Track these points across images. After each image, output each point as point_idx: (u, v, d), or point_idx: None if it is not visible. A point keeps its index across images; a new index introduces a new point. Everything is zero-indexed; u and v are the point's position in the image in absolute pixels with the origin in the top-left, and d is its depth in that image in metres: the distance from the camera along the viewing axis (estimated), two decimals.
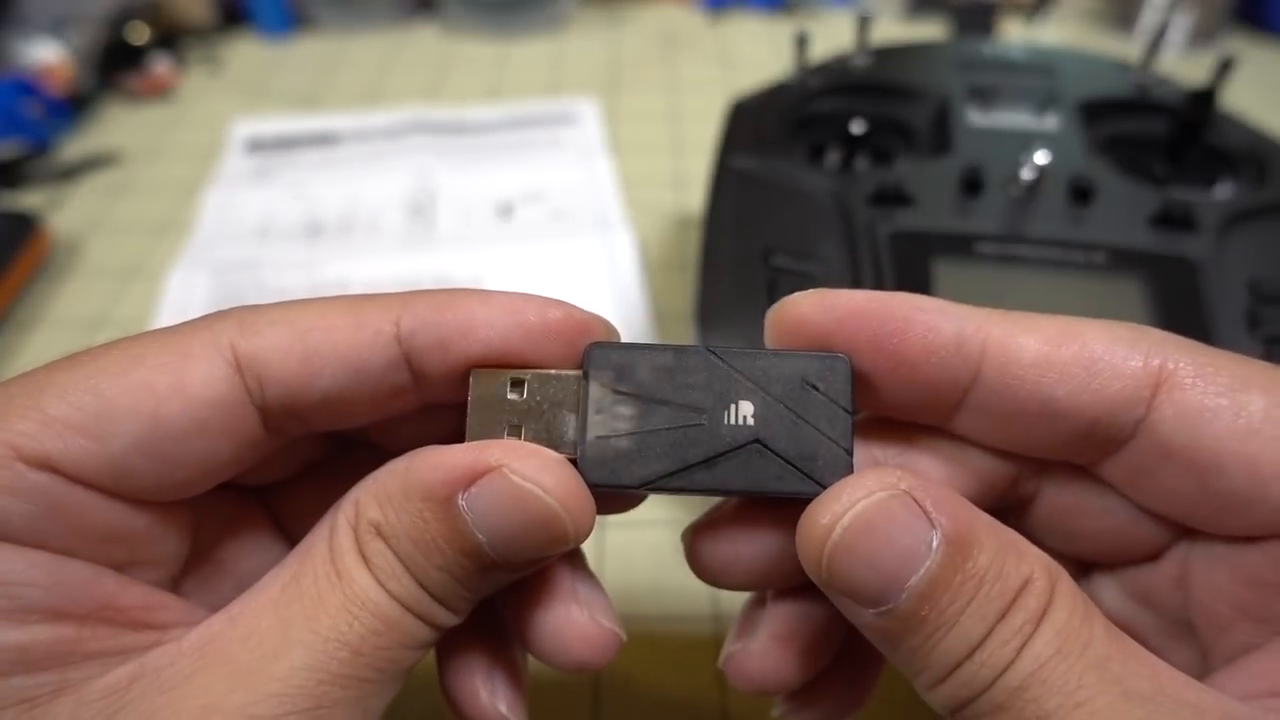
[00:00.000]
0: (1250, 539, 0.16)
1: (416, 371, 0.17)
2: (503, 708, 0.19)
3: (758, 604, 0.20)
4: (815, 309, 0.17)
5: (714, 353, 0.17)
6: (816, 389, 0.17)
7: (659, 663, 0.29)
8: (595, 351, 0.17)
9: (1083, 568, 0.20)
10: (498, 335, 0.17)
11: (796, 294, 0.17)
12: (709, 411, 0.17)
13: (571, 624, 0.18)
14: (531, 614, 0.18)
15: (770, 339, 0.18)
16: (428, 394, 0.18)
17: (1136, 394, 0.16)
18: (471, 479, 0.16)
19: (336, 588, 0.16)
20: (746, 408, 0.17)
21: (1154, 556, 0.18)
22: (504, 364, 0.17)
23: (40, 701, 0.15)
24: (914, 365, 0.16)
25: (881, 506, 0.15)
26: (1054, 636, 0.14)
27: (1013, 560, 0.15)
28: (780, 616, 0.19)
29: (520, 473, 0.16)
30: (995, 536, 0.15)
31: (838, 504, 0.15)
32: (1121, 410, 0.16)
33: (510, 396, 0.17)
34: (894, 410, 0.18)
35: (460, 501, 0.16)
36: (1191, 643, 0.18)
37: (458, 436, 0.18)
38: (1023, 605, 0.14)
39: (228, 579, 0.20)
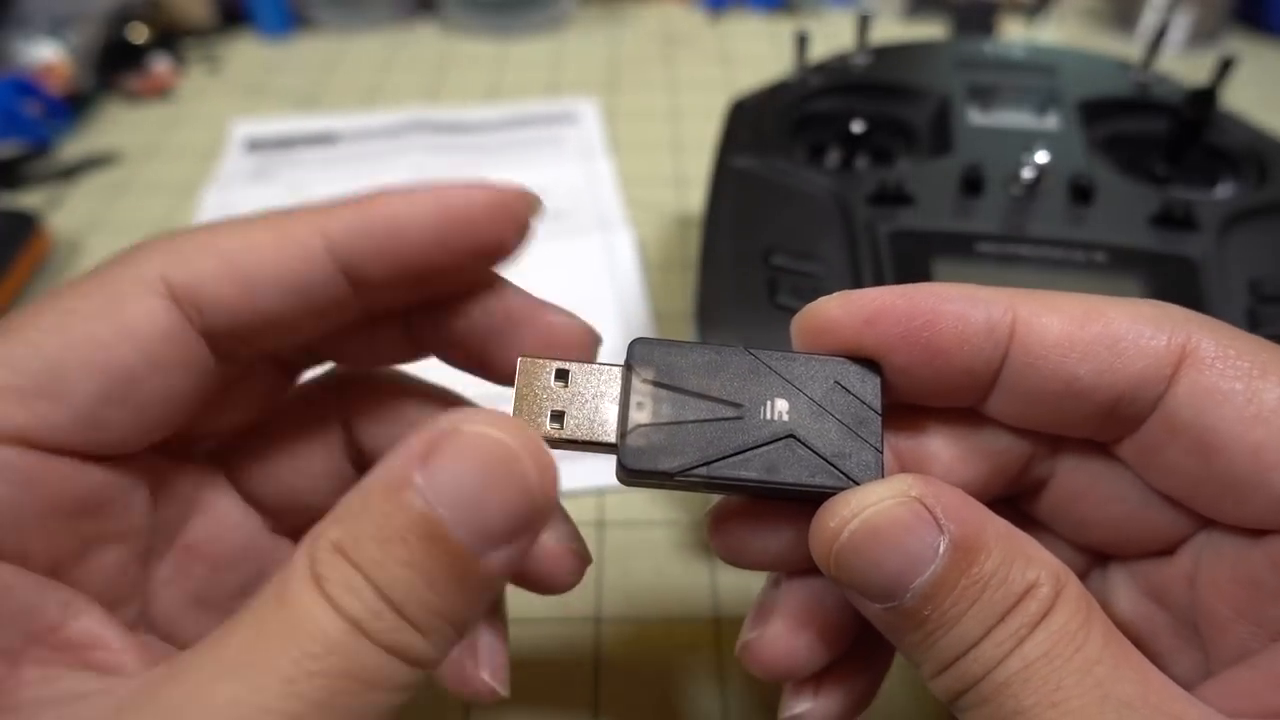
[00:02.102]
0: (1254, 535, 0.16)
1: (354, 280, 0.17)
2: (486, 675, 0.20)
3: (773, 587, 0.20)
4: (843, 311, 0.17)
5: (752, 352, 0.18)
6: (849, 391, 0.17)
7: (659, 663, 0.29)
8: (638, 346, 0.18)
9: (1100, 561, 0.20)
10: (429, 231, 0.17)
11: (821, 299, 0.17)
12: (746, 407, 0.17)
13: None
14: None
15: (799, 344, 0.18)
16: (369, 301, 0.18)
17: (1158, 372, 0.16)
18: (426, 453, 0.14)
19: (276, 615, 0.14)
20: (782, 405, 0.17)
21: (1168, 550, 0.18)
22: (444, 266, 0.18)
23: None
24: (948, 355, 0.16)
25: (889, 513, 0.15)
26: (1045, 639, 0.14)
27: (1019, 566, 0.15)
28: (796, 600, 0.19)
29: (471, 420, 0.14)
30: (1004, 542, 0.15)
31: (846, 509, 0.16)
32: (1143, 388, 0.16)
33: (554, 385, 0.18)
34: (926, 398, 0.18)
35: (416, 479, 0.14)
36: (1200, 647, 0.18)
37: (407, 345, 0.19)
38: (1023, 610, 0.15)
39: (200, 562, 0.19)
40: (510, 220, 0.18)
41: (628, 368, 0.18)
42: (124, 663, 0.15)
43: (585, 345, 0.20)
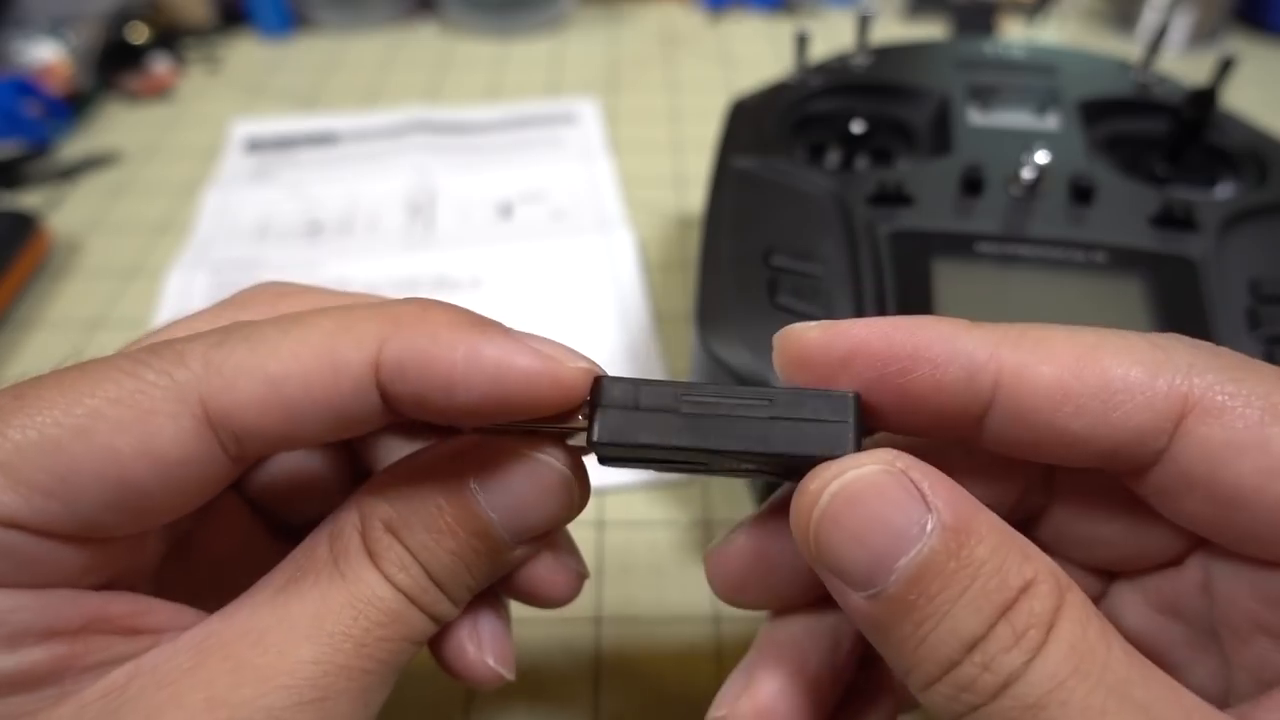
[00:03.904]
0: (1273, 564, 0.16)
1: (392, 408, 0.16)
2: (491, 660, 0.20)
3: (747, 668, 0.20)
4: (820, 344, 0.16)
5: (717, 384, 0.17)
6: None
7: (659, 663, 0.29)
8: (604, 382, 0.17)
9: (1103, 581, 0.19)
10: (480, 395, 0.16)
11: (801, 325, 0.17)
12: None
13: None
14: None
15: (777, 365, 0.17)
16: (400, 416, 0.17)
17: (1158, 426, 0.15)
18: (485, 462, 0.17)
19: (341, 586, 0.16)
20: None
21: (1176, 561, 0.18)
22: (485, 419, 0.17)
23: (39, 713, 0.15)
24: (923, 400, 0.16)
25: (872, 479, 0.14)
26: (1070, 653, 0.13)
27: (1015, 559, 0.14)
28: (776, 649, 0.19)
29: (530, 445, 0.17)
30: (997, 533, 0.14)
31: (828, 472, 0.15)
32: (1143, 442, 0.15)
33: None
34: (909, 433, 0.17)
35: (472, 484, 0.17)
36: (1217, 654, 0.17)
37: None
38: (1026, 608, 0.14)
39: (203, 562, 0.20)
40: (567, 400, 0.16)
41: (592, 402, 0.17)
42: (163, 623, 0.17)
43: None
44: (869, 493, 0.14)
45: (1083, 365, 0.15)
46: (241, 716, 0.15)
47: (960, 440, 0.17)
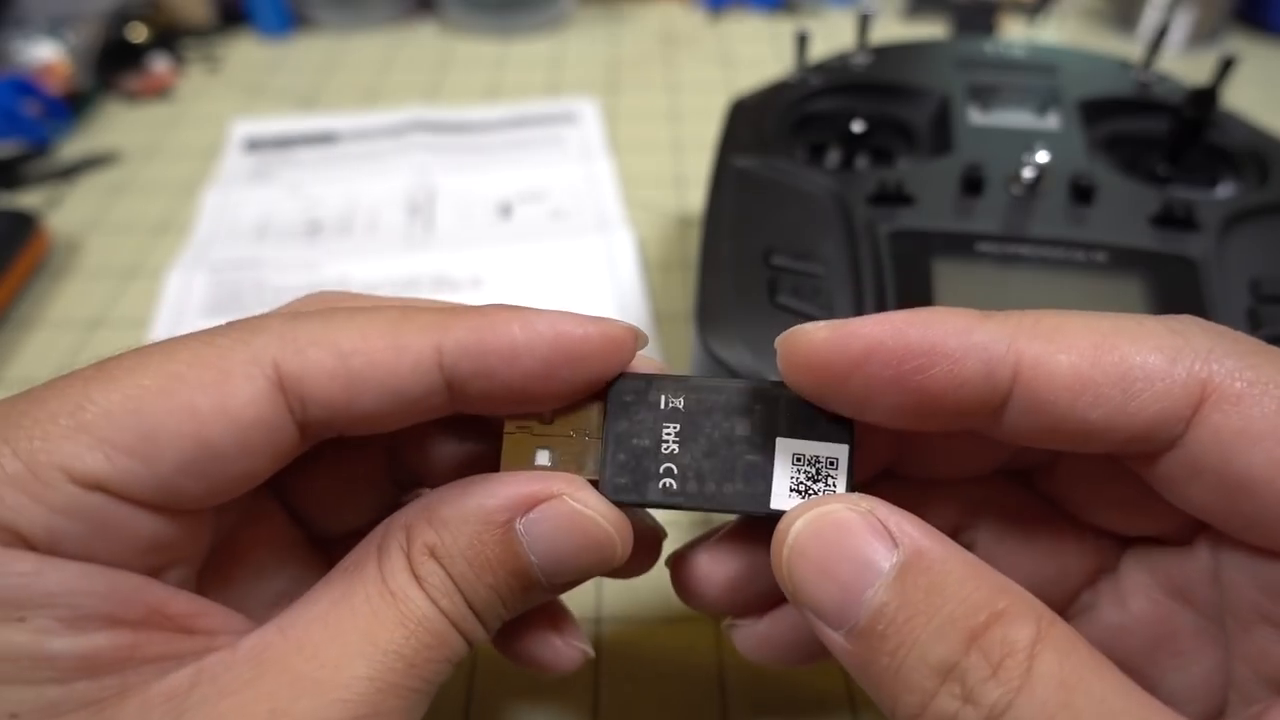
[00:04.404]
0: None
1: (455, 392, 0.17)
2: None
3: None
4: (830, 345, 0.16)
5: (730, 383, 0.18)
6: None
7: (659, 663, 0.29)
8: (615, 380, 0.18)
9: (1117, 548, 0.19)
10: (539, 361, 0.17)
11: (808, 326, 0.16)
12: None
13: (551, 646, 0.21)
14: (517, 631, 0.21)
15: (782, 368, 0.17)
16: (460, 407, 0.18)
17: (1176, 413, 0.15)
18: (532, 504, 0.17)
19: (391, 605, 0.17)
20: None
21: (1186, 540, 0.18)
22: (545, 393, 0.18)
23: (106, 704, 0.15)
24: (942, 400, 0.16)
25: (837, 516, 0.15)
26: (1058, 686, 0.13)
27: (985, 590, 0.14)
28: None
29: (582, 500, 0.17)
30: (966, 565, 0.14)
31: (796, 512, 0.16)
32: (1159, 429, 0.15)
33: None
34: (925, 430, 0.17)
35: (518, 525, 0.17)
36: (1223, 644, 0.17)
37: (474, 437, 0.20)
38: (998, 635, 0.13)
39: (244, 564, 0.20)
40: (620, 359, 0.18)
41: (605, 404, 0.18)
42: (216, 626, 0.17)
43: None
44: (833, 529, 0.15)
45: (1100, 353, 0.15)
46: None
47: (975, 432, 0.17)
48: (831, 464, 0.17)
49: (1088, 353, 0.15)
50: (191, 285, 0.45)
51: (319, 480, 0.21)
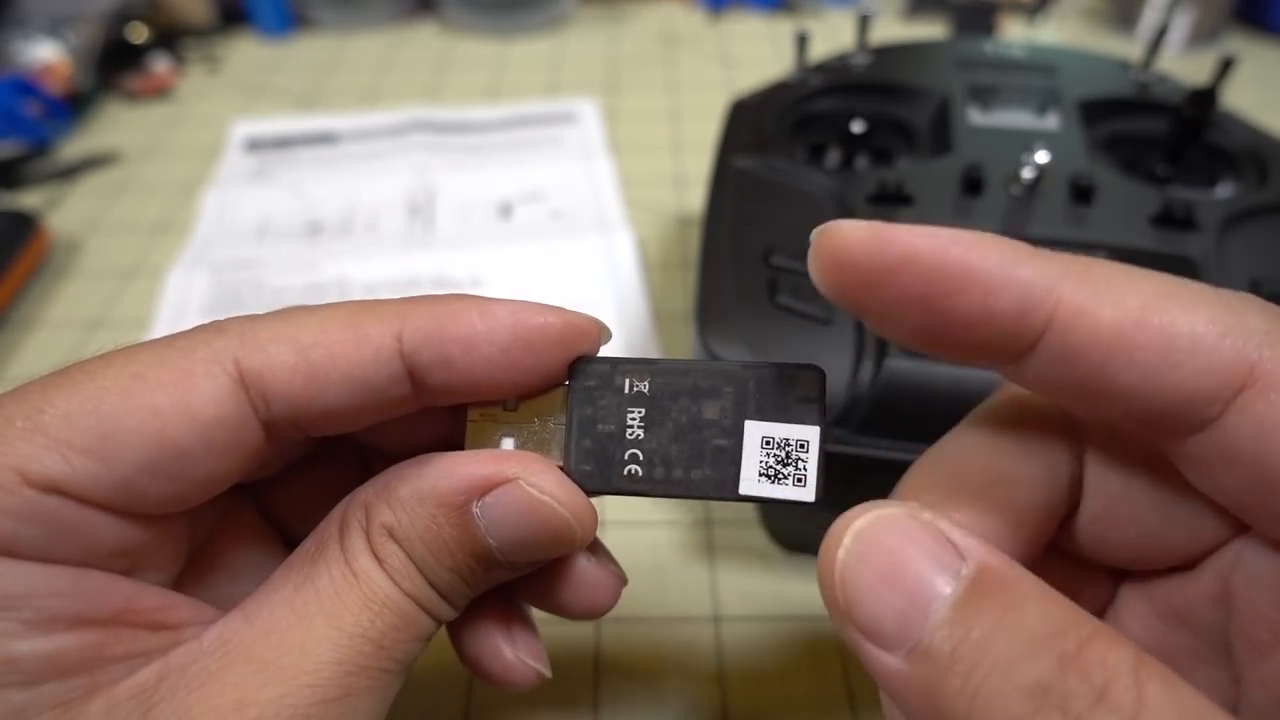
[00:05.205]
0: None
1: (417, 383, 0.17)
2: (530, 660, 0.20)
3: None
4: (865, 247, 0.14)
5: (697, 365, 0.18)
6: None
7: (659, 663, 0.29)
8: (579, 364, 0.18)
9: (1112, 584, 0.19)
10: (499, 350, 0.17)
11: (847, 222, 0.15)
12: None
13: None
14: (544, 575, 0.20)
15: (811, 263, 0.16)
16: (425, 400, 0.18)
17: (1215, 393, 0.13)
18: (487, 488, 0.17)
19: (355, 587, 0.17)
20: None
21: (1189, 566, 0.17)
22: (507, 383, 0.18)
23: (73, 705, 0.15)
24: (967, 327, 0.14)
25: (898, 520, 0.14)
26: (1179, 715, 0.11)
27: (1068, 610, 0.13)
28: None
29: (537, 485, 0.17)
30: (1041, 587, 0.13)
31: (848, 515, 0.14)
32: (1194, 406, 0.14)
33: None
34: (943, 356, 0.16)
35: (474, 509, 0.17)
36: (1222, 667, 0.17)
37: (442, 434, 0.19)
38: (1096, 657, 0.12)
39: (220, 569, 0.20)
40: (581, 348, 0.18)
41: (569, 387, 0.18)
42: (185, 618, 0.17)
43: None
44: (897, 533, 0.14)
45: (1148, 313, 0.14)
46: (268, 715, 0.15)
47: (994, 368, 0.16)
48: (801, 446, 0.17)
49: (1134, 311, 0.14)
50: (191, 285, 0.45)
51: (293, 489, 0.21)
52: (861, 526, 0.14)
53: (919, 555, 0.13)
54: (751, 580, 0.31)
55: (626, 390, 0.18)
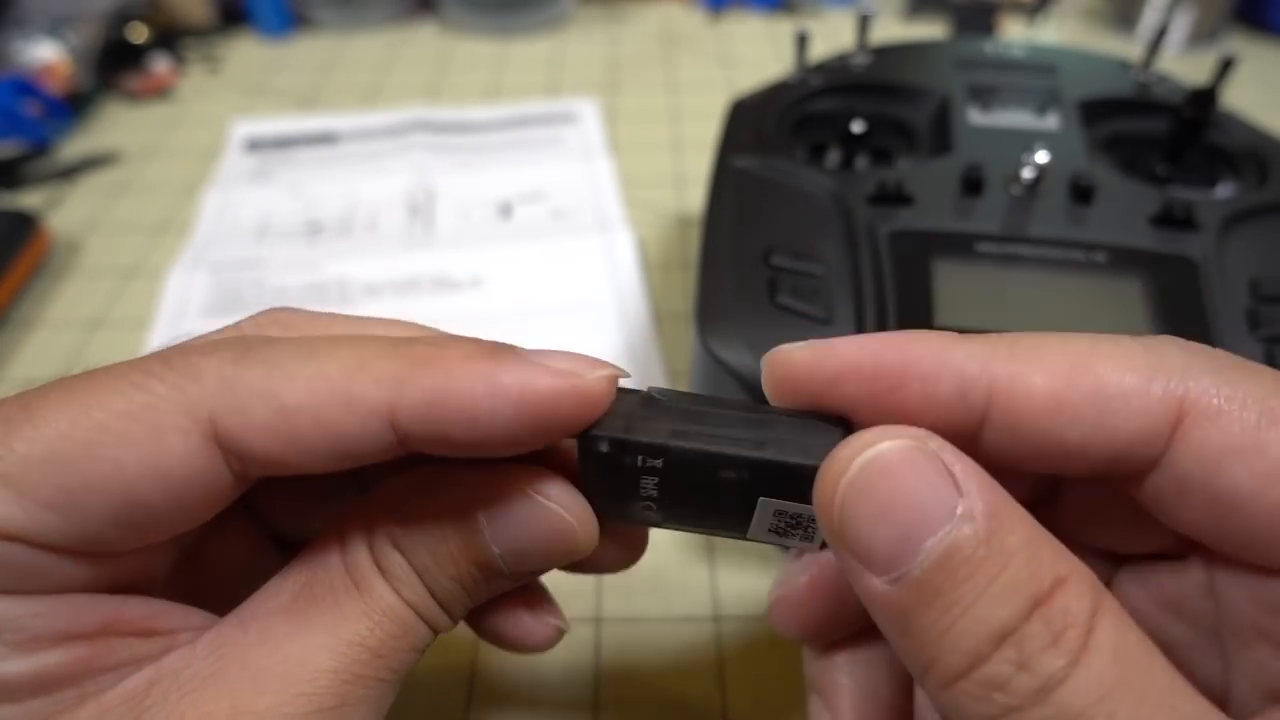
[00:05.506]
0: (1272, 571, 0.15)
1: (405, 444, 0.16)
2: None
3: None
4: (809, 364, 0.16)
5: (712, 449, 0.17)
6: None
7: (659, 663, 0.29)
8: (590, 434, 0.17)
9: (1109, 567, 0.19)
10: (500, 427, 0.15)
11: (789, 346, 0.17)
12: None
13: (522, 624, 0.21)
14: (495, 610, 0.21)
15: (766, 387, 0.17)
16: (413, 450, 0.17)
17: (1154, 432, 0.15)
18: (494, 498, 0.17)
19: (355, 596, 0.17)
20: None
21: (1180, 555, 0.18)
22: (507, 449, 0.17)
23: (61, 715, 0.15)
24: (917, 419, 0.15)
25: (906, 453, 0.14)
26: (1114, 660, 0.13)
27: (1048, 553, 0.13)
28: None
29: (545, 493, 0.17)
30: (1028, 526, 0.14)
31: (858, 442, 0.14)
32: (1139, 448, 0.15)
33: None
34: None
35: (481, 518, 0.17)
36: (1218, 658, 0.17)
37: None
38: (1060, 604, 0.13)
39: (210, 569, 0.20)
40: (590, 416, 0.16)
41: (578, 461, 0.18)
42: (176, 624, 0.17)
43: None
44: (902, 466, 0.14)
45: (1076, 373, 0.15)
46: None
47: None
48: (813, 520, 0.17)
49: (1062, 373, 0.15)
50: (192, 285, 0.45)
51: (283, 493, 0.21)
52: (869, 459, 0.14)
53: (920, 489, 0.14)
54: (751, 580, 0.31)
55: (639, 465, 0.17)
